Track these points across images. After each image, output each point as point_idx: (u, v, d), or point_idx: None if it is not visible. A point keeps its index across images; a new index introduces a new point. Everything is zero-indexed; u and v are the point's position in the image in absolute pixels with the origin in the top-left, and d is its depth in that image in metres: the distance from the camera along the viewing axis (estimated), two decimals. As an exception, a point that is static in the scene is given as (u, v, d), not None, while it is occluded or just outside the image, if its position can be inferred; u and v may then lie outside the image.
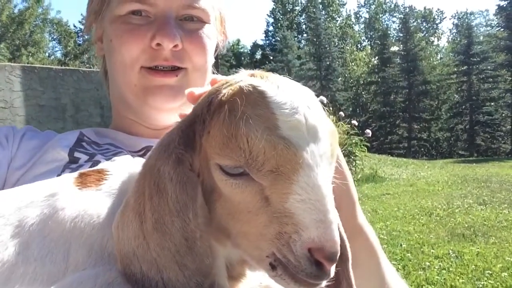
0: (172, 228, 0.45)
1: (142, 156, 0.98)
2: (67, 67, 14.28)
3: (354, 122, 9.40)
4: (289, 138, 0.43)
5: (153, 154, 0.49)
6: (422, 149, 36.13)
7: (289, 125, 0.43)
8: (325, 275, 0.44)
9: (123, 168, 0.63)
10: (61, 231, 0.53)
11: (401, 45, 38.02)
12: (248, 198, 0.45)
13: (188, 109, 1.06)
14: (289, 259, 0.43)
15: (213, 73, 1.19)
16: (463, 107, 33.56)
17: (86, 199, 0.56)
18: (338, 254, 0.43)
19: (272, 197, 0.44)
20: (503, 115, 32.15)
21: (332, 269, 0.44)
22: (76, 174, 0.62)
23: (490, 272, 4.34)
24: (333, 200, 0.45)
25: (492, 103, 32.09)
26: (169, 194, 0.45)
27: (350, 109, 38.22)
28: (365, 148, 10.08)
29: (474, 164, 17.49)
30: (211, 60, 1.07)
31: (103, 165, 0.79)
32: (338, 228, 0.46)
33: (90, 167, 0.86)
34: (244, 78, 0.49)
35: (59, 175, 0.86)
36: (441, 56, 49.65)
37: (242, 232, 0.47)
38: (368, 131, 10.17)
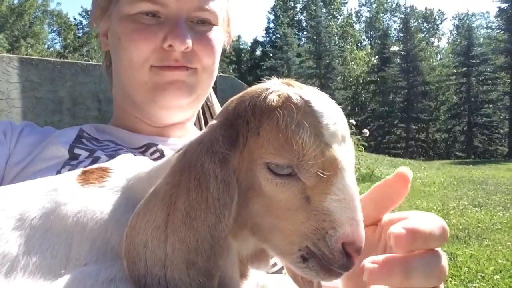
0: (202, 224, 0.47)
1: (142, 153, 0.99)
2: (65, 60, 14.24)
3: (352, 121, 9.42)
4: (331, 145, 0.49)
5: (193, 151, 0.50)
6: (420, 149, 36.19)
7: (330, 133, 0.49)
8: (352, 265, 0.49)
9: (127, 166, 0.64)
10: (63, 225, 0.53)
11: (401, 45, 38.03)
12: (290, 196, 0.49)
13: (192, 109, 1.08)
14: (324, 252, 0.48)
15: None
16: (462, 108, 33.62)
17: (88, 195, 0.56)
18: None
19: (313, 196, 0.48)
20: (501, 117, 32.22)
21: (357, 260, 0.50)
22: (79, 171, 0.62)
23: (483, 275, 4.37)
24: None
25: (491, 105, 32.14)
26: (210, 191, 0.47)
27: (349, 108, 38.24)
28: (362, 148, 10.11)
29: (471, 166, 17.55)
30: (218, 60, 1.09)
31: (106, 163, 0.80)
32: None
33: (91, 163, 0.86)
34: (282, 86, 0.53)
35: (59, 171, 0.86)
36: (441, 57, 49.66)
37: (278, 228, 0.50)
38: (366, 130, 10.19)
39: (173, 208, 0.48)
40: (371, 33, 52.43)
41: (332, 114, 0.51)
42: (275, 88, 0.52)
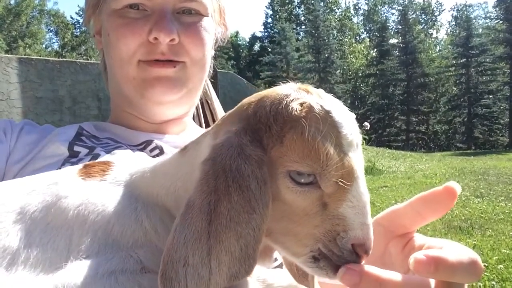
0: (246, 227, 0.46)
1: (141, 150, 0.98)
2: (64, 59, 14.22)
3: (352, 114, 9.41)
4: (349, 154, 0.51)
5: (223, 156, 0.49)
6: (420, 141, 36.27)
7: (347, 142, 0.51)
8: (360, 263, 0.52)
9: (129, 161, 0.64)
10: (64, 218, 0.52)
11: (400, 38, 37.97)
12: (308, 203, 0.51)
13: (186, 103, 1.07)
14: (334, 252, 0.51)
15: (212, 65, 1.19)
16: (462, 99, 33.62)
17: (90, 188, 0.56)
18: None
19: (330, 203, 0.51)
20: (501, 108, 32.23)
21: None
22: (80, 165, 0.62)
23: (486, 265, 4.37)
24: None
25: (491, 96, 32.15)
26: (253, 192, 0.47)
27: (349, 101, 38.18)
28: (363, 141, 10.11)
29: (472, 157, 17.58)
30: (209, 53, 1.07)
31: (108, 158, 0.78)
32: None
33: (91, 160, 0.85)
34: (302, 94, 0.53)
35: (59, 169, 0.86)
36: (440, 48, 49.57)
37: (292, 231, 0.52)
38: (366, 123, 10.19)
39: (214, 214, 0.46)
40: (370, 26, 52.31)
41: (349, 124, 0.53)
42: (295, 95, 0.53)
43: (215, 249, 0.45)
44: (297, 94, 0.53)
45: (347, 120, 0.53)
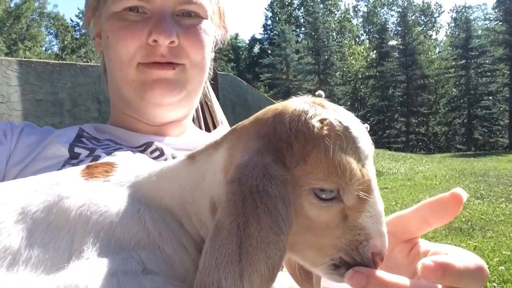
0: (274, 248, 0.47)
1: (142, 151, 0.98)
2: (64, 62, 14.23)
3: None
4: (366, 167, 0.53)
5: (248, 177, 0.49)
6: (420, 143, 36.31)
7: (365, 156, 0.53)
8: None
9: (133, 163, 0.63)
10: (66, 218, 0.52)
11: (400, 39, 38.05)
12: (331, 217, 0.52)
13: (186, 106, 1.07)
14: (356, 260, 0.53)
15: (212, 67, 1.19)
16: (461, 101, 33.69)
17: (92, 188, 0.56)
18: None
19: (350, 215, 0.52)
20: (501, 109, 32.29)
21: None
22: (83, 166, 0.61)
23: (487, 266, 4.38)
24: None
25: (490, 97, 32.22)
26: (280, 213, 0.48)
27: (348, 103, 38.29)
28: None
29: (472, 158, 17.58)
30: (209, 55, 1.07)
31: (109, 159, 0.78)
32: None
33: (91, 162, 0.86)
34: (318, 109, 0.54)
35: (59, 170, 0.86)
36: (440, 50, 49.61)
37: (314, 244, 0.53)
38: (366, 125, 10.18)
39: (244, 236, 0.46)
40: (369, 27, 52.34)
41: (365, 137, 0.54)
42: (313, 111, 0.53)
43: (246, 271, 0.45)
44: (315, 110, 0.53)
45: (362, 134, 0.54)
